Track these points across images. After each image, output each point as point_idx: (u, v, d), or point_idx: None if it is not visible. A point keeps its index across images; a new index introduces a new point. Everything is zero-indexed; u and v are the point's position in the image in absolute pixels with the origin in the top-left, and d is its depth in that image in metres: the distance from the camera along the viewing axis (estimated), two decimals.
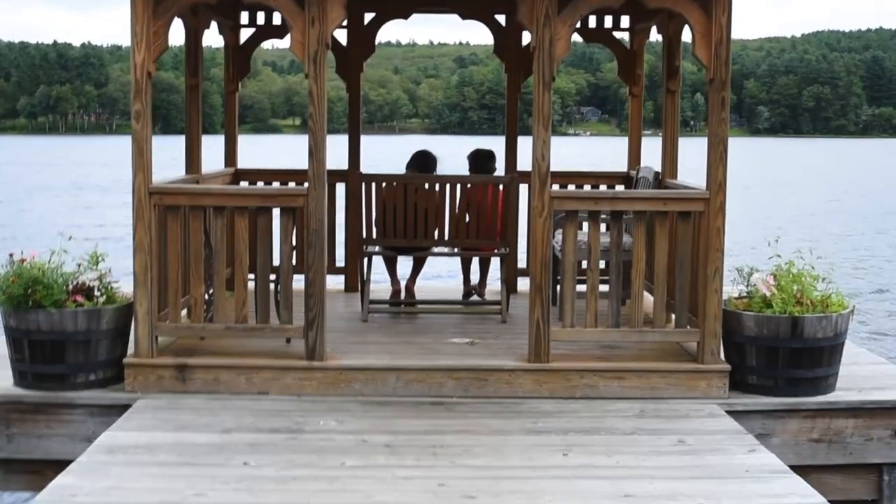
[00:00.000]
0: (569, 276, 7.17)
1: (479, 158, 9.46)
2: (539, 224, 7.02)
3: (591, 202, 7.11)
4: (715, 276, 7.07)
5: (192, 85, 8.68)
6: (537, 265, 7.06)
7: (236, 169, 10.11)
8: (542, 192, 7.00)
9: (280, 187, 7.12)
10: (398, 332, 8.29)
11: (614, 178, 10.33)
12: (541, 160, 6.99)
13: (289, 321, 7.20)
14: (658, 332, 7.24)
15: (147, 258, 7.03)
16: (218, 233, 7.13)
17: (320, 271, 7.05)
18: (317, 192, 6.99)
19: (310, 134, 6.97)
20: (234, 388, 7.09)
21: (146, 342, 7.09)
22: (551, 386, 7.10)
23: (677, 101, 8.56)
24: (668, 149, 8.59)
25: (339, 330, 8.22)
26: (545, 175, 7.01)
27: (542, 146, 6.98)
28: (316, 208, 6.99)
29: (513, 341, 7.90)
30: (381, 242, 8.80)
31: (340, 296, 9.93)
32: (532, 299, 7.11)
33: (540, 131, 6.97)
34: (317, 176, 6.99)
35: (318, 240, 7.02)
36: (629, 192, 7.29)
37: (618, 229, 7.17)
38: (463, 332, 8.22)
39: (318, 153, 6.98)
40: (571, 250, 7.15)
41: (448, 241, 8.79)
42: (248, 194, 7.05)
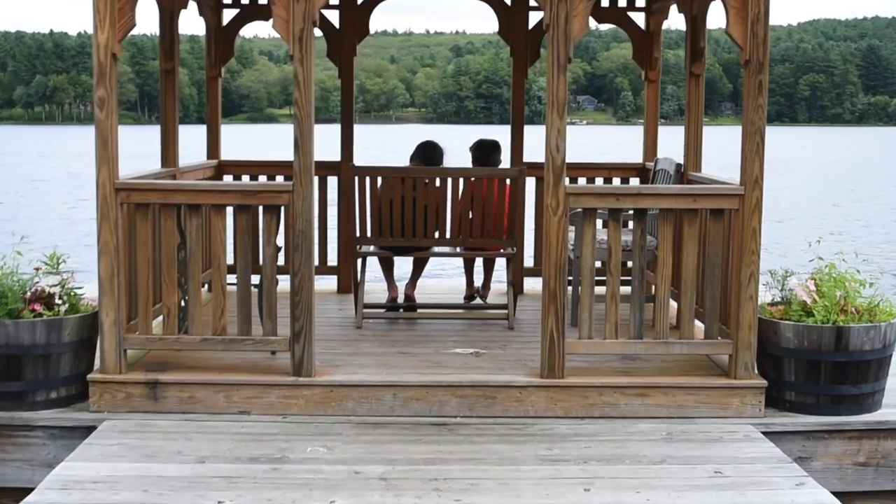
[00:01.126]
0: (587, 280, 6.41)
1: (483, 150, 8.66)
2: (553, 224, 6.26)
3: (612, 199, 6.33)
4: (750, 282, 6.31)
5: (166, 70, 7.89)
6: (551, 269, 6.30)
7: (219, 161, 9.35)
8: (556, 187, 6.24)
9: (261, 182, 6.35)
10: (395, 340, 7.53)
11: (629, 171, 9.56)
12: (555, 152, 6.23)
13: (273, 332, 6.43)
14: (685, 344, 6.48)
15: (114, 262, 6.26)
16: (193, 234, 6.36)
17: (308, 277, 6.29)
18: (303, 188, 6.22)
19: (295, 122, 6.20)
20: (212, 407, 6.33)
21: (113, 356, 6.33)
22: (567, 404, 6.35)
23: (702, 87, 7.79)
24: (692, 139, 7.82)
25: (330, 339, 7.47)
26: (560, 169, 6.24)
27: (557, 136, 6.21)
28: (303, 206, 6.23)
29: (522, 351, 7.15)
30: (377, 242, 8.03)
31: (332, 298, 9.17)
32: (545, 307, 6.35)
33: (554, 119, 6.20)
34: (303, 170, 6.22)
35: (305, 242, 6.25)
36: (654, 187, 6.53)
37: (641, 229, 6.40)
38: (466, 341, 7.47)
39: (305, 144, 6.21)
40: (590, 252, 6.39)
41: (450, 240, 8.02)
42: (226, 190, 6.28)
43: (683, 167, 7.87)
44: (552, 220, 6.26)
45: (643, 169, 9.39)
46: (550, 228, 6.27)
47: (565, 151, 6.25)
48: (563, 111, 6.20)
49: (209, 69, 9.22)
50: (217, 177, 9.25)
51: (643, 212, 6.40)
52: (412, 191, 7.80)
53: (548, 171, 6.26)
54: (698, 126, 7.80)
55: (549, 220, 6.27)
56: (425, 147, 8.54)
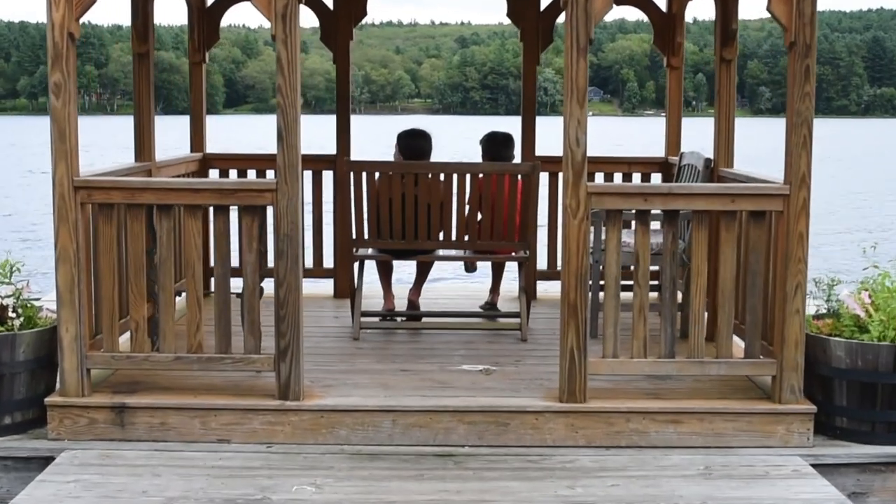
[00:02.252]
0: (611, 291, 5.64)
1: (494, 143, 7.85)
2: (574, 227, 5.49)
3: (639, 199, 5.56)
4: (796, 294, 5.55)
5: (140, 53, 7.11)
6: (571, 279, 5.54)
7: (204, 154, 8.59)
8: (576, 186, 5.47)
9: (240, 180, 5.59)
10: (395, 355, 6.76)
11: (650, 166, 8.79)
12: (574, 146, 5.46)
13: (255, 350, 5.67)
14: (724, 364, 5.71)
15: (74, 270, 5.51)
16: (164, 238, 5.60)
17: (295, 287, 5.53)
18: (289, 186, 5.46)
19: (279, 112, 5.45)
20: (187, 434, 5.59)
21: (74, 377, 5.59)
22: (589, 432, 5.59)
23: (733, 73, 7.01)
24: (723, 131, 7.04)
25: (323, 352, 6.72)
26: (580, 165, 5.47)
27: (577, 128, 5.44)
28: (288, 207, 5.47)
29: (537, 368, 6.39)
30: (375, 244, 7.27)
31: (328, 303, 8.41)
32: (564, 322, 5.59)
33: (573, 109, 5.43)
34: (288, 165, 5.46)
35: (291, 247, 5.49)
36: (687, 186, 5.77)
37: (672, 233, 5.63)
38: (475, 356, 6.71)
39: (291, 136, 5.45)
40: (615, 260, 5.62)
41: (456, 242, 7.25)
42: (201, 189, 5.52)
43: (714, 162, 7.10)
44: (572, 224, 5.49)
45: (666, 164, 8.62)
46: (570, 232, 5.51)
47: (586, 145, 5.48)
48: (584, 100, 5.43)
49: (192, 54, 8.45)
50: (201, 171, 8.50)
51: (675, 214, 5.64)
52: (413, 187, 7.03)
53: (566, 167, 5.49)
54: (730, 117, 7.02)
55: (568, 223, 5.51)
56: (410, 140, 7.67)
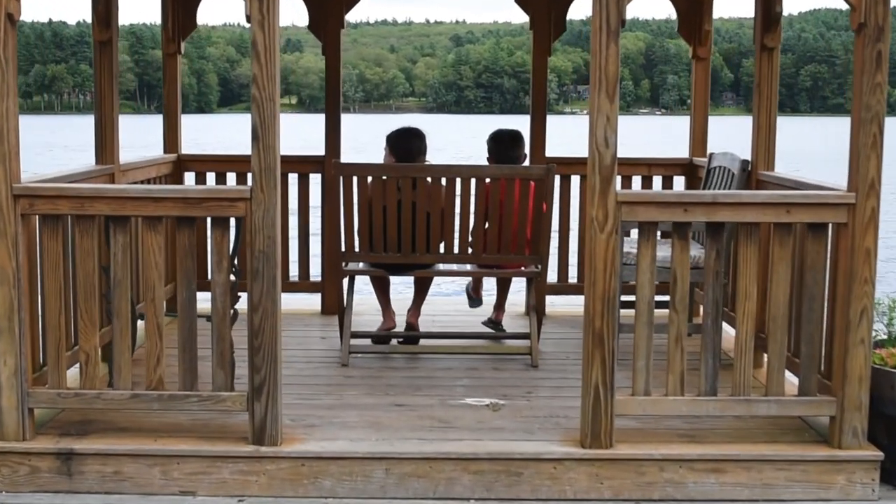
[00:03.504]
0: (643, 318, 4.81)
1: (501, 142, 6.99)
2: (601, 243, 4.66)
3: (678, 209, 4.72)
4: (862, 320, 4.73)
5: (101, 41, 6.28)
6: (597, 303, 4.71)
7: (179, 156, 7.75)
8: (604, 194, 4.64)
9: (209, 187, 4.73)
10: (389, 386, 5.92)
11: (671, 168, 7.95)
12: (602, 146, 4.63)
13: (226, 386, 4.83)
14: (775, 403, 4.88)
15: (13, 293, 4.68)
16: (119, 255, 4.76)
17: (272, 313, 4.69)
18: (265, 194, 4.62)
19: (254, 107, 4.61)
20: (145, 485, 4.76)
21: (14, 417, 4.77)
22: (616, 483, 4.76)
23: (776, 63, 6.19)
24: (763, 128, 6.21)
25: (307, 382, 5.90)
26: (609, 169, 4.64)
27: (606, 125, 4.61)
28: (264, 219, 4.63)
29: (551, 402, 5.58)
30: (367, 258, 6.43)
31: (315, 321, 7.58)
32: (588, 353, 4.76)
33: (601, 102, 4.60)
34: (265, 170, 4.62)
35: (267, 267, 4.66)
36: (734, 194, 4.93)
37: (717, 249, 4.80)
38: (480, 386, 5.89)
39: (268, 136, 4.62)
40: (648, 281, 4.78)
41: (459, 255, 6.41)
42: (162, 198, 4.67)
43: (752, 165, 6.27)
44: (599, 238, 4.66)
45: (690, 166, 7.79)
46: (596, 249, 4.67)
47: (616, 146, 4.65)
48: (615, 92, 4.60)
49: (166, 45, 7.63)
50: (175, 174, 7.67)
51: (720, 227, 4.80)
52: (411, 193, 6.20)
53: (593, 172, 4.66)
54: (770, 113, 6.19)
55: (594, 237, 4.68)
56: (403, 140, 6.76)
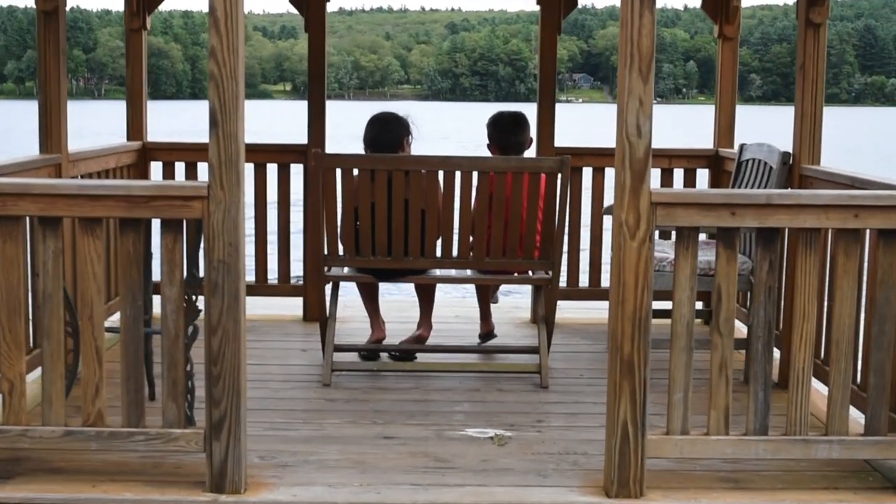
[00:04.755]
0: (681, 342, 4.00)
1: (502, 126, 6.12)
2: (631, 252, 3.85)
3: (724, 212, 3.91)
4: None
5: (45, 11, 5.41)
6: (626, 325, 3.90)
7: (144, 143, 6.94)
8: (637, 193, 3.83)
9: (159, 183, 3.88)
10: (377, 412, 5.10)
11: (695, 160, 7.12)
12: (634, 135, 3.81)
13: (178, 421, 4.02)
14: (837, 443, 4.08)
15: None
16: (49, 265, 3.94)
17: (234, 337, 3.87)
18: (225, 191, 3.81)
19: (212, 85, 3.79)
20: None
21: None
22: None
23: (823, 40, 5.39)
24: (808, 116, 5.40)
25: (282, 407, 5.11)
26: (642, 163, 3.83)
27: (639, 110, 3.80)
28: (224, 221, 3.82)
29: (566, 433, 4.78)
30: (353, 262, 5.63)
31: (296, 329, 6.77)
32: (615, 384, 3.95)
33: (633, 83, 3.79)
34: (225, 163, 3.81)
35: (228, 279, 3.84)
36: (792, 195, 4.08)
37: (770, 259, 3.99)
38: (482, 413, 5.09)
39: (229, 121, 3.80)
40: (688, 299, 3.97)
41: (458, 259, 5.60)
42: (101, 195, 3.85)
43: (794, 157, 5.47)
44: (629, 247, 3.85)
45: (716, 157, 6.98)
46: (626, 259, 3.86)
47: (651, 136, 3.84)
48: (650, 69, 3.78)
49: (129, 19, 6.83)
50: (139, 165, 6.86)
51: (774, 233, 3.99)
52: (403, 189, 5.39)
53: (622, 166, 3.85)
54: (816, 98, 5.38)
55: (623, 245, 3.87)
56: (373, 125, 5.93)
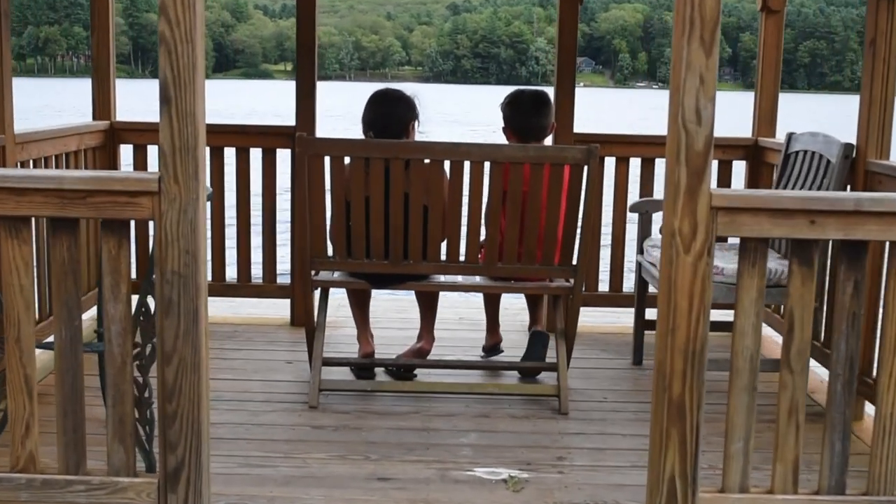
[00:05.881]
0: (743, 380, 3.24)
1: (521, 107, 5.29)
2: (685, 268, 3.09)
3: (801, 220, 3.14)
4: None
5: None
6: (676, 358, 3.14)
7: (112, 123, 6.18)
8: (693, 195, 3.07)
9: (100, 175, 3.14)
10: (370, 444, 4.35)
11: (730, 150, 6.34)
12: (692, 122, 3.04)
13: (126, 468, 3.26)
14: None
15: None
16: None
17: (193, 367, 3.12)
18: (181, 185, 3.05)
19: (163, 52, 3.03)
20: None
21: None
22: None
23: None
24: (876, 102, 4.64)
25: (259, 437, 4.37)
26: (702, 158, 3.06)
27: (699, 90, 3.03)
28: (179, 223, 3.06)
29: (594, 476, 4.05)
30: (344, 265, 4.87)
31: (282, 336, 6.04)
32: (661, 430, 3.20)
33: (692, 55, 3.02)
34: (180, 150, 3.04)
35: (185, 296, 3.08)
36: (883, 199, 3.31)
37: (855, 281, 3.23)
38: (493, 446, 4.36)
39: (185, 98, 3.03)
40: (752, 327, 3.21)
41: (466, 265, 4.85)
42: (28, 188, 3.08)
43: (856, 150, 4.71)
44: (682, 262, 3.09)
45: (755, 148, 6.22)
46: (679, 277, 3.10)
47: (713, 123, 3.07)
48: (713, 39, 3.01)
49: None
50: (106, 147, 6.11)
51: (860, 247, 3.23)
52: (403, 181, 4.64)
53: (675, 161, 3.08)
54: (888, 80, 4.61)
55: (675, 260, 3.10)
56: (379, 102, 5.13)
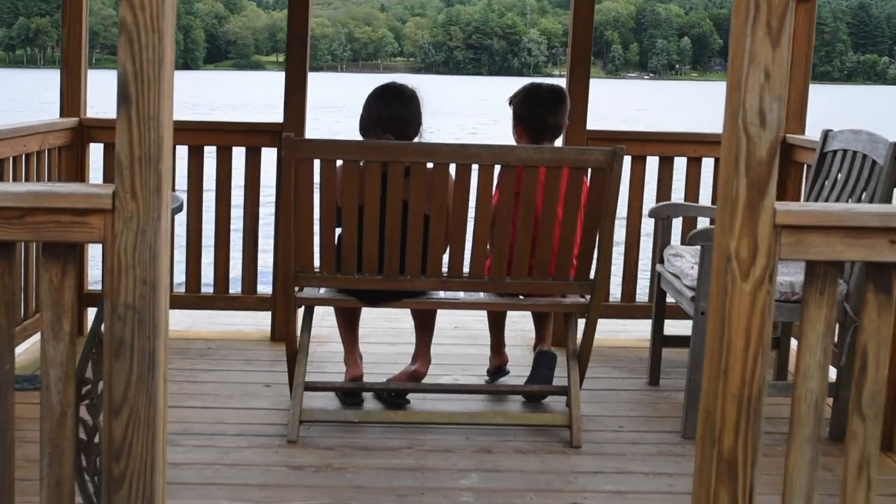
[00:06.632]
0: (806, 429, 2.71)
1: (539, 102, 4.75)
2: (742, 299, 2.56)
3: (881, 240, 2.62)
4: None
5: None
6: (728, 405, 2.61)
7: (81, 120, 5.65)
8: (754, 211, 2.54)
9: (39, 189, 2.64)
10: (356, 490, 3.81)
11: None
12: (754, 125, 2.51)
13: None
14: None
15: None
16: None
17: (146, 421, 2.58)
18: (139, 201, 2.51)
19: (124, 42, 2.48)
20: None
21: None
22: None
23: None
24: None
25: (230, 480, 3.86)
26: (766, 168, 2.53)
27: (763, 86, 2.50)
28: (136, 248, 2.52)
29: None
30: (333, 281, 4.35)
31: (262, 354, 5.52)
32: (708, 490, 2.66)
33: (756, 44, 2.48)
34: (140, 160, 2.51)
35: (140, 335, 2.55)
36: None
37: None
38: (498, 490, 3.84)
39: (148, 98, 2.49)
40: (819, 367, 2.68)
41: (470, 280, 4.32)
42: None
43: None
44: (739, 291, 2.56)
45: (782, 144, 5.68)
46: (733, 310, 2.57)
47: (780, 126, 2.55)
48: (782, 25, 2.48)
49: None
50: (74, 146, 5.59)
51: None
52: (402, 188, 4.11)
53: (733, 170, 2.55)
54: None
55: (729, 288, 2.57)
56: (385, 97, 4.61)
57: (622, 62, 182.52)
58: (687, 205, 5.38)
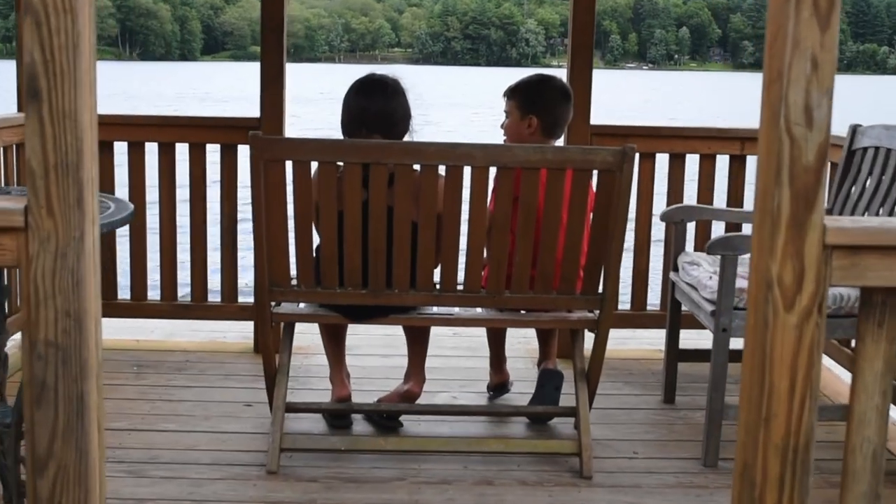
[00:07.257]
0: (862, 485, 2.30)
1: (551, 97, 4.40)
2: (786, 333, 2.14)
3: None
4: None
5: None
6: (770, 458, 2.20)
7: None
8: (800, 229, 2.12)
9: None
10: None
11: (749, 144, 5.41)
12: (800, 125, 2.09)
13: None
14: None
15: None
16: None
17: (76, 477, 2.17)
18: (57, 219, 2.09)
19: (29, 29, 2.07)
20: None
21: None
22: None
23: None
24: None
25: None
26: (814, 176, 2.11)
27: (811, 78, 2.08)
28: (56, 274, 2.11)
29: None
30: (312, 296, 3.93)
31: (243, 368, 5.12)
32: None
33: (802, 28, 2.06)
34: (57, 168, 2.08)
35: (65, 378, 2.14)
36: None
37: None
38: None
39: (62, 94, 2.07)
40: (876, 412, 2.27)
41: (464, 294, 3.90)
42: None
43: None
44: (782, 324, 2.14)
45: None
46: (776, 346, 2.16)
47: (829, 125, 2.13)
48: (832, 11, 2.06)
49: None
50: None
51: None
52: (385, 193, 3.69)
53: (775, 179, 2.13)
54: None
55: (771, 321, 2.15)
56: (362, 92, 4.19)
57: (621, 52, 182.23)
58: (702, 207, 4.93)
